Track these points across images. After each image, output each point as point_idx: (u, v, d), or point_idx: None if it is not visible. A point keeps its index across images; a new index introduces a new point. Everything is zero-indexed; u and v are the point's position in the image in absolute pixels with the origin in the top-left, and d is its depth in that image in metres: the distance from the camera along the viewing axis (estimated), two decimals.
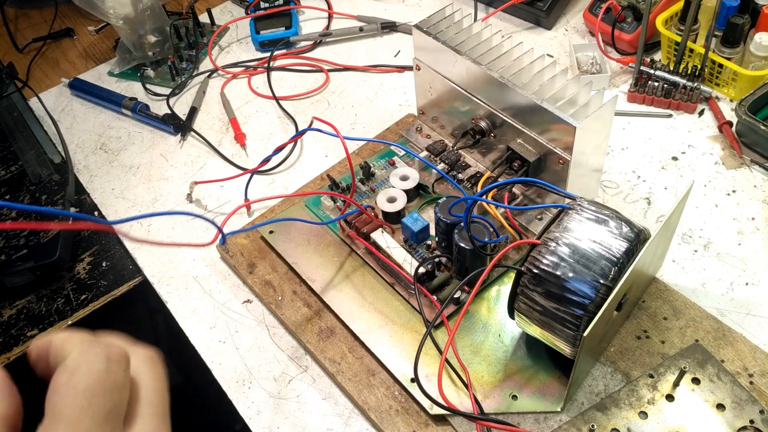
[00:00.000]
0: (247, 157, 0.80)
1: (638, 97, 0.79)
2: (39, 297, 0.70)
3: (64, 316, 0.68)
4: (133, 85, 0.92)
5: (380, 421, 0.55)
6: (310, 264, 0.65)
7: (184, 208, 0.75)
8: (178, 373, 1.00)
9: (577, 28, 0.91)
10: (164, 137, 0.84)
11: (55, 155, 0.83)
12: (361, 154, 0.76)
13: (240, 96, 0.88)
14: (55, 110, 0.90)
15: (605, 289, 0.48)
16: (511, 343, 0.58)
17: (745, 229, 0.66)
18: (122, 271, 0.71)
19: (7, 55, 1.01)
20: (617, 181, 0.71)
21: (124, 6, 0.88)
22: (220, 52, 0.96)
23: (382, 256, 0.62)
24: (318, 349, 0.60)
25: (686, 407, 0.52)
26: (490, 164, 0.68)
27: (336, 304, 0.62)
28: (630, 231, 0.50)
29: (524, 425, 0.53)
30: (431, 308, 0.60)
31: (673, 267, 0.63)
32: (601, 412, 0.53)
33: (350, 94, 0.87)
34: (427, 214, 0.68)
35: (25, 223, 0.72)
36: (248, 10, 0.99)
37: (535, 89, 0.60)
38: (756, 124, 0.70)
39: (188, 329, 0.64)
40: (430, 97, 0.72)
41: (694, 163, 0.72)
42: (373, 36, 0.95)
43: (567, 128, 0.57)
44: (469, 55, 0.63)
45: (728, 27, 0.75)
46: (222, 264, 0.69)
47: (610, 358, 0.56)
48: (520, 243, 0.56)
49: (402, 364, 0.57)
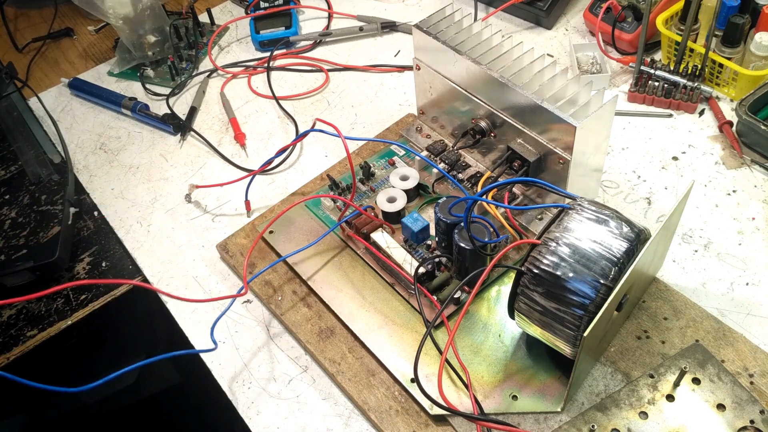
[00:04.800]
0: (247, 157, 0.80)
1: (638, 96, 0.79)
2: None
3: (64, 316, 0.68)
4: (133, 84, 0.92)
5: (380, 422, 0.55)
6: (310, 264, 0.65)
7: (184, 209, 0.75)
8: (178, 373, 1.00)
9: (577, 28, 0.91)
10: (164, 137, 0.84)
11: (55, 155, 0.83)
12: (361, 154, 0.76)
13: (240, 96, 0.88)
14: (54, 110, 0.90)
15: (605, 289, 0.47)
16: (511, 343, 0.58)
17: (745, 229, 0.65)
18: (122, 271, 0.71)
19: (6, 55, 1.00)
20: (617, 181, 0.71)
21: (123, 6, 0.88)
22: (219, 52, 0.96)
23: (382, 256, 0.62)
24: (318, 349, 0.60)
25: (687, 407, 0.52)
26: (490, 164, 0.68)
27: (336, 304, 0.62)
28: (630, 231, 0.49)
29: (524, 425, 0.53)
30: (431, 308, 0.60)
31: (674, 267, 0.63)
32: (602, 412, 0.52)
33: (350, 94, 0.87)
34: (427, 214, 0.68)
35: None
36: (248, 10, 0.99)
37: (535, 89, 0.60)
38: (756, 124, 0.70)
39: (188, 329, 0.64)
40: (430, 97, 0.72)
41: (695, 163, 0.72)
42: (373, 36, 0.95)
43: (567, 128, 0.57)
44: (469, 54, 0.63)
45: (728, 27, 0.75)
46: (222, 264, 0.69)
47: (610, 358, 0.56)
48: (520, 243, 0.56)
49: (402, 364, 0.57)
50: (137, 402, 0.98)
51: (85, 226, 0.76)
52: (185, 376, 0.98)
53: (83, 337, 0.72)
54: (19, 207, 0.77)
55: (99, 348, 0.88)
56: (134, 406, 0.99)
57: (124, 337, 0.89)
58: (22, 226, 0.75)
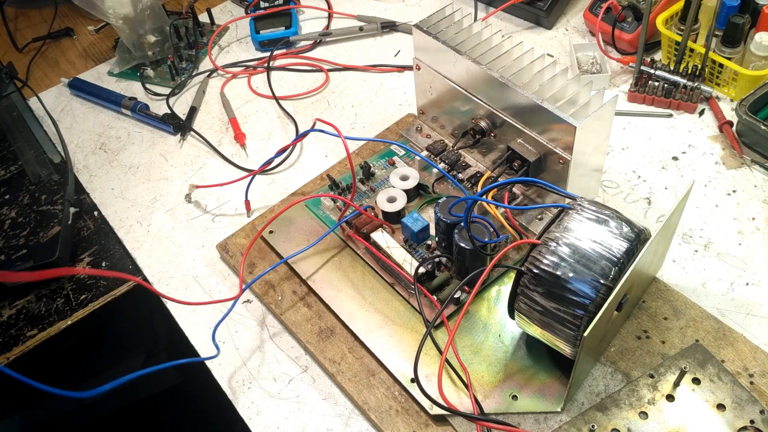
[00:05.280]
0: (247, 157, 0.80)
1: (638, 96, 0.79)
2: (38, 297, 0.70)
3: (64, 316, 0.68)
4: (133, 84, 0.92)
5: (380, 422, 0.55)
6: (310, 264, 0.65)
7: (184, 209, 0.75)
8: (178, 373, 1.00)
9: (577, 28, 0.91)
10: (164, 137, 0.84)
11: (55, 155, 0.83)
12: (361, 153, 0.76)
13: (240, 96, 0.88)
14: (54, 110, 0.90)
15: (605, 289, 0.47)
16: (511, 343, 0.58)
17: (745, 229, 0.65)
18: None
19: (6, 55, 1.00)
20: (617, 181, 0.71)
21: (123, 6, 0.88)
22: (219, 52, 0.96)
23: (382, 256, 0.62)
24: (318, 349, 0.60)
25: (687, 407, 0.52)
26: (490, 164, 0.68)
27: (336, 304, 0.62)
28: (630, 231, 0.49)
29: (524, 425, 0.53)
30: (431, 308, 0.60)
31: (674, 267, 0.63)
32: (602, 412, 0.52)
33: (350, 94, 0.87)
34: (427, 214, 0.68)
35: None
36: (248, 10, 0.99)
37: (535, 89, 0.60)
38: (756, 124, 0.70)
39: (188, 329, 0.64)
40: (430, 97, 0.72)
41: (695, 163, 0.72)
42: (373, 36, 0.95)
43: (567, 128, 0.57)
44: (469, 54, 0.63)
45: (728, 27, 0.75)
46: (222, 264, 0.69)
47: (610, 358, 0.56)
48: (520, 243, 0.56)
49: (402, 364, 0.57)
50: (137, 402, 0.98)
51: (85, 226, 0.76)
52: (185, 376, 0.98)
53: (83, 337, 0.72)
54: (19, 207, 0.77)
55: (99, 348, 0.88)
56: (134, 406, 0.98)
57: (124, 337, 0.89)
58: (22, 226, 0.75)
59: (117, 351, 0.91)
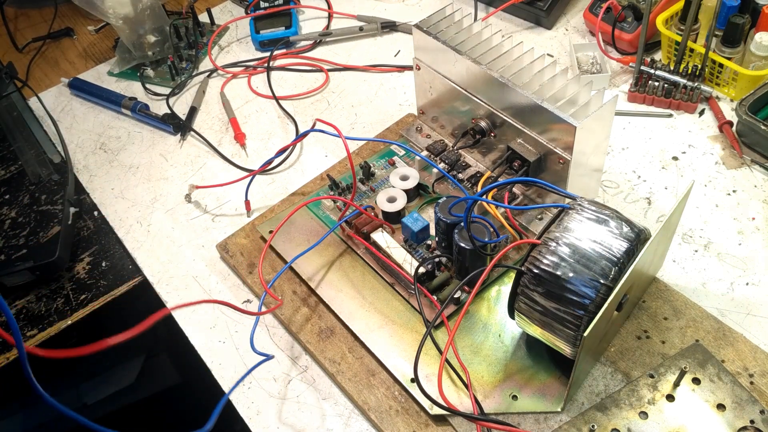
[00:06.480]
0: (247, 157, 0.80)
1: (638, 96, 0.79)
2: (38, 297, 0.70)
3: (64, 316, 0.68)
4: (133, 84, 0.92)
5: (380, 422, 0.55)
6: (310, 264, 0.65)
7: (184, 209, 0.75)
8: (178, 373, 1.00)
9: (577, 28, 0.91)
10: (164, 137, 0.84)
11: (55, 155, 0.83)
12: (361, 153, 0.76)
13: (240, 96, 0.88)
14: (54, 110, 0.90)
15: (605, 289, 0.47)
16: (511, 343, 0.58)
17: (745, 229, 0.65)
18: (122, 271, 0.71)
19: (6, 55, 1.00)
20: (617, 181, 0.71)
21: (123, 5, 0.88)
22: (219, 52, 0.96)
23: (382, 256, 0.62)
24: (318, 349, 0.60)
25: (687, 407, 0.52)
26: (490, 164, 0.68)
27: (336, 304, 0.62)
28: (630, 231, 0.49)
29: (524, 425, 0.53)
30: (431, 308, 0.60)
31: (674, 267, 0.63)
32: (602, 412, 0.52)
33: (350, 94, 0.87)
34: (427, 214, 0.68)
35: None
36: (248, 10, 0.99)
37: (535, 89, 0.60)
38: (756, 124, 0.70)
39: (188, 329, 0.64)
40: (430, 97, 0.72)
41: (695, 163, 0.72)
42: (373, 36, 0.95)
43: (567, 128, 0.57)
44: (469, 54, 0.63)
45: (728, 27, 0.75)
46: (222, 264, 0.69)
47: (610, 358, 0.56)
48: (520, 243, 0.56)
49: (402, 364, 0.57)
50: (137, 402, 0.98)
51: (85, 226, 0.76)
52: (185, 376, 0.98)
53: (83, 337, 0.72)
54: (19, 207, 0.77)
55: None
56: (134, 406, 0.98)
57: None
58: (22, 226, 0.75)
59: (117, 351, 0.91)
